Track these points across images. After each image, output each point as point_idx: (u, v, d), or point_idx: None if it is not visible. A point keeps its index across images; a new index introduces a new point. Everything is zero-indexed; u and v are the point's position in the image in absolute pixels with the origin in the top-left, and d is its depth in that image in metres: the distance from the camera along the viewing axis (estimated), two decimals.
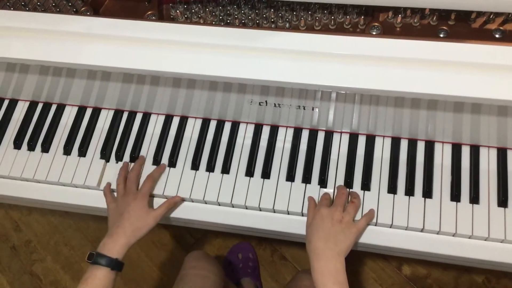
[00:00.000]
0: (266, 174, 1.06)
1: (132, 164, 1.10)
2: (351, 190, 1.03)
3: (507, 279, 1.64)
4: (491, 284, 1.64)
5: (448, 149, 1.05)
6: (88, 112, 1.18)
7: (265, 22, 1.02)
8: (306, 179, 1.05)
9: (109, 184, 1.09)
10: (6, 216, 1.96)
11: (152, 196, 1.08)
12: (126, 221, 0.97)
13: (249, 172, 1.07)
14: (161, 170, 1.09)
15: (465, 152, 1.04)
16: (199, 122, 1.14)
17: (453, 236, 0.98)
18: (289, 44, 0.92)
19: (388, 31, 0.98)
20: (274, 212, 1.05)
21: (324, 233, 0.92)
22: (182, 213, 1.08)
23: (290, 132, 1.11)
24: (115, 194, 1.07)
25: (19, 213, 1.96)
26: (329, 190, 1.04)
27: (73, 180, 1.11)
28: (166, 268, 1.78)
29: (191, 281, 1.13)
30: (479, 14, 0.96)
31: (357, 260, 1.70)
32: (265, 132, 1.11)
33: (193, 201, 1.07)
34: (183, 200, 1.07)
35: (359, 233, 0.96)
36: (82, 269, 1.83)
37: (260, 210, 1.05)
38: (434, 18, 0.97)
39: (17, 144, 1.16)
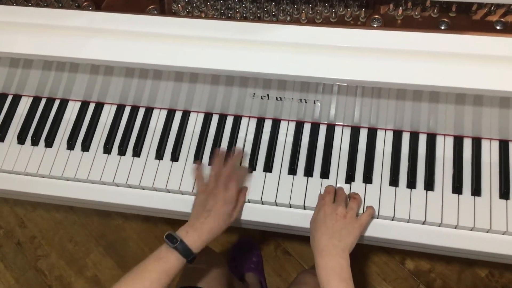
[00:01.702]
0: (268, 168, 1.07)
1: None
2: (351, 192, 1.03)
3: (510, 272, 1.64)
4: (495, 278, 1.64)
5: (450, 141, 1.05)
6: (91, 107, 1.19)
7: (266, 15, 1.02)
8: (308, 172, 1.05)
9: (201, 165, 1.06)
10: (11, 212, 1.97)
11: (153, 190, 1.09)
12: (213, 220, 0.94)
13: (251, 166, 1.07)
14: (244, 172, 1.07)
15: (467, 145, 1.04)
16: (201, 116, 1.14)
17: (455, 228, 0.98)
18: (290, 37, 0.93)
19: (389, 24, 0.98)
20: (277, 205, 1.05)
21: (328, 229, 0.92)
22: (184, 206, 1.08)
23: (292, 125, 1.11)
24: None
25: (24, 209, 1.97)
26: (331, 182, 1.04)
27: (76, 175, 1.11)
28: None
29: (195, 276, 1.14)
30: (480, 5, 0.96)
31: (360, 254, 1.71)
32: (267, 125, 1.11)
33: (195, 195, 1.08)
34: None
35: (362, 228, 0.96)
36: (86, 264, 1.84)
37: (263, 204, 1.06)
38: (435, 10, 0.97)
39: (21, 139, 1.16)
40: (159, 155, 1.11)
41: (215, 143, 1.10)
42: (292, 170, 1.06)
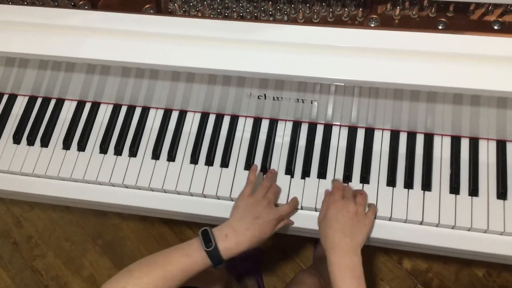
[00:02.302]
0: (265, 168, 1.06)
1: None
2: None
3: (507, 272, 1.64)
4: (492, 278, 1.64)
5: (447, 141, 1.05)
6: (87, 106, 1.18)
7: (263, 15, 1.01)
8: (306, 172, 1.05)
9: (256, 168, 1.02)
10: (7, 212, 1.96)
11: (151, 190, 1.09)
12: (258, 230, 0.91)
13: (248, 166, 1.07)
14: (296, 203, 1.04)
15: (464, 145, 1.04)
16: (198, 116, 1.14)
17: (452, 228, 0.98)
18: (287, 37, 0.92)
19: (386, 23, 0.98)
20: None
21: (340, 226, 0.92)
22: (182, 207, 1.08)
23: (289, 125, 1.10)
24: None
25: (20, 209, 1.96)
26: (328, 182, 1.04)
27: (72, 175, 1.11)
28: None
29: (193, 276, 1.13)
30: (478, 5, 0.96)
31: None
32: (264, 125, 1.11)
33: (192, 195, 1.07)
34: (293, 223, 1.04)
35: (371, 225, 0.97)
36: (83, 264, 1.83)
37: None
38: (433, 10, 0.97)
39: (17, 139, 1.16)
40: (156, 155, 1.10)
41: (211, 143, 1.10)
42: (289, 171, 1.05)
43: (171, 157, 1.09)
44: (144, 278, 0.82)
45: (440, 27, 0.96)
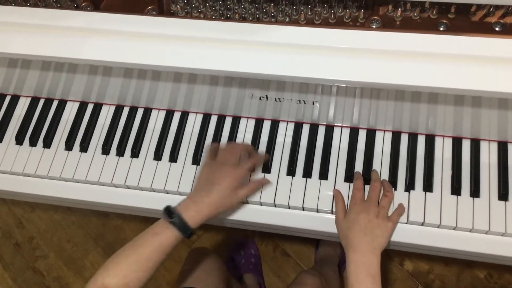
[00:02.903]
0: (267, 169, 1.06)
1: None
2: (383, 180, 1.02)
3: (509, 274, 1.64)
4: (493, 279, 1.64)
5: (448, 143, 1.05)
6: (90, 107, 1.19)
7: (265, 16, 1.02)
8: (307, 173, 1.05)
9: (213, 146, 1.04)
10: (9, 213, 1.97)
11: (152, 191, 1.09)
12: (216, 194, 0.92)
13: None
14: (266, 157, 1.06)
15: (466, 146, 1.04)
16: (200, 117, 1.14)
17: (453, 229, 0.98)
18: (289, 38, 0.92)
19: (388, 25, 0.98)
20: (275, 206, 1.05)
21: (361, 228, 0.92)
22: None
23: (291, 126, 1.11)
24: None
25: (22, 210, 1.97)
26: (330, 183, 1.04)
27: (74, 176, 1.11)
28: (169, 264, 1.79)
29: (194, 277, 1.14)
30: (479, 7, 0.96)
31: None
32: (266, 126, 1.11)
33: None
34: (269, 182, 1.04)
35: (394, 227, 0.97)
36: (85, 265, 1.84)
37: (261, 205, 1.05)
38: (434, 12, 0.97)
39: (19, 140, 1.16)
40: (158, 156, 1.10)
41: None
42: (291, 171, 1.06)
43: (173, 158, 1.10)
44: (120, 266, 0.84)
45: (441, 29, 0.96)
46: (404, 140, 1.06)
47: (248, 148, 1.05)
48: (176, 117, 1.15)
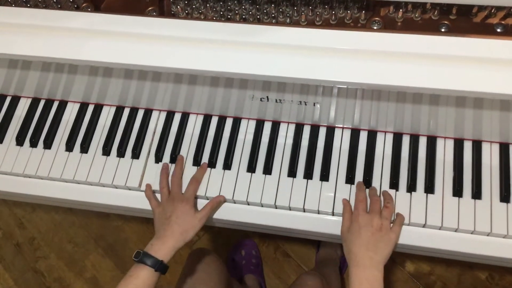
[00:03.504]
0: (267, 170, 1.06)
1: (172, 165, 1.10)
2: (384, 191, 1.02)
3: (510, 275, 1.64)
4: (495, 281, 1.63)
5: (450, 144, 1.04)
6: (90, 108, 1.18)
7: (266, 17, 1.01)
8: (308, 174, 1.05)
9: (150, 186, 1.08)
10: (10, 213, 1.97)
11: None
12: (174, 224, 0.97)
13: (251, 168, 1.07)
14: (203, 172, 1.08)
15: (467, 147, 1.04)
16: (200, 118, 1.14)
17: (455, 231, 0.98)
18: (290, 39, 0.92)
19: (389, 26, 0.98)
20: (276, 208, 1.05)
21: (364, 241, 0.92)
22: None
23: (292, 127, 1.10)
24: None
25: (23, 210, 1.97)
26: (331, 185, 1.04)
27: (75, 177, 1.11)
28: (169, 265, 1.78)
29: (195, 278, 1.13)
30: (481, 8, 0.96)
31: None
32: (267, 128, 1.11)
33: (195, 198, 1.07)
34: (225, 200, 1.06)
35: (397, 239, 0.96)
36: (85, 266, 1.84)
37: (262, 206, 1.05)
38: (436, 13, 0.97)
39: (20, 141, 1.16)
40: (158, 158, 1.10)
41: (214, 145, 1.10)
42: (292, 173, 1.05)
43: (174, 160, 1.09)
44: None
45: (443, 30, 0.96)
46: (405, 141, 1.06)
47: (181, 168, 1.08)
48: (177, 118, 1.15)
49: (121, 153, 1.12)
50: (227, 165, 1.08)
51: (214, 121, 1.13)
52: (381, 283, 0.88)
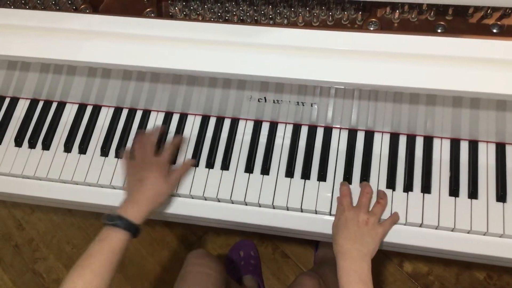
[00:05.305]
0: (265, 170, 1.07)
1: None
2: (378, 190, 1.02)
3: (508, 275, 1.64)
4: (493, 281, 1.64)
5: (446, 144, 1.05)
6: (89, 109, 1.19)
7: (263, 18, 1.02)
8: (305, 175, 1.05)
9: (127, 151, 1.08)
10: (9, 215, 1.97)
11: None
12: (148, 188, 0.96)
13: (249, 168, 1.07)
14: (180, 139, 1.09)
15: (464, 147, 1.04)
16: (198, 119, 1.14)
17: (451, 231, 0.99)
18: (287, 40, 0.93)
19: (385, 27, 0.98)
20: (274, 208, 1.05)
21: (350, 235, 0.92)
22: (181, 209, 1.08)
23: (289, 128, 1.11)
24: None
25: (22, 212, 1.97)
26: (328, 185, 1.04)
27: (73, 178, 1.11)
28: (168, 266, 1.79)
29: (193, 279, 1.14)
30: (477, 9, 0.96)
31: None
32: (265, 128, 1.12)
33: (193, 198, 1.08)
34: (194, 164, 1.08)
35: (384, 234, 0.97)
36: None
37: (260, 206, 1.06)
38: (432, 14, 0.97)
39: (18, 142, 1.16)
40: None
41: (212, 146, 1.10)
42: (290, 173, 1.06)
43: (172, 160, 1.10)
44: (77, 283, 0.85)
45: (439, 31, 0.96)
46: (402, 141, 1.06)
47: (157, 133, 1.08)
48: (175, 118, 1.15)
49: (119, 154, 1.12)
50: (225, 166, 1.08)
51: (212, 122, 1.14)
52: (369, 274, 0.89)
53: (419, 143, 1.06)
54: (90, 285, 0.85)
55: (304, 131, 1.10)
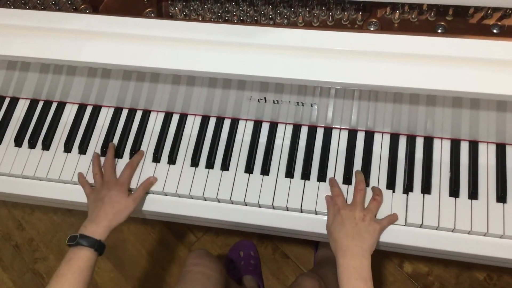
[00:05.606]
0: (265, 171, 1.07)
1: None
2: (373, 186, 1.02)
3: (508, 276, 1.64)
4: (493, 281, 1.64)
5: (447, 145, 1.05)
6: (89, 110, 1.19)
7: (263, 18, 1.02)
8: (305, 175, 1.05)
9: (82, 174, 1.11)
10: (9, 215, 1.97)
11: (151, 193, 1.09)
12: (107, 205, 1.00)
13: (249, 169, 1.07)
14: (139, 158, 1.11)
15: (464, 148, 1.04)
16: (198, 119, 1.14)
17: (452, 231, 0.98)
18: (287, 41, 0.93)
19: (386, 27, 0.98)
20: (274, 208, 1.05)
21: (349, 231, 0.92)
22: (181, 209, 1.08)
23: (289, 128, 1.11)
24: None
25: (22, 212, 1.97)
26: (328, 186, 1.04)
27: (73, 178, 1.11)
28: (168, 266, 1.79)
29: (193, 279, 1.13)
30: (477, 9, 0.96)
31: None
32: (264, 128, 1.12)
33: (192, 198, 1.08)
34: (156, 181, 1.09)
35: (382, 230, 0.97)
36: None
37: (260, 207, 1.06)
38: (432, 14, 0.97)
39: (18, 142, 1.16)
40: (156, 158, 1.11)
41: (212, 146, 1.10)
42: (289, 173, 1.06)
43: (172, 160, 1.10)
44: None
45: (439, 31, 0.96)
46: (402, 142, 1.06)
47: (112, 155, 1.11)
48: (175, 119, 1.15)
49: (119, 154, 1.12)
50: (225, 166, 1.08)
51: (212, 122, 1.14)
52: (369, 271, 0.89)
53: (419, 143, 1.06)
54: None
55: (304, 132, 1.10)
